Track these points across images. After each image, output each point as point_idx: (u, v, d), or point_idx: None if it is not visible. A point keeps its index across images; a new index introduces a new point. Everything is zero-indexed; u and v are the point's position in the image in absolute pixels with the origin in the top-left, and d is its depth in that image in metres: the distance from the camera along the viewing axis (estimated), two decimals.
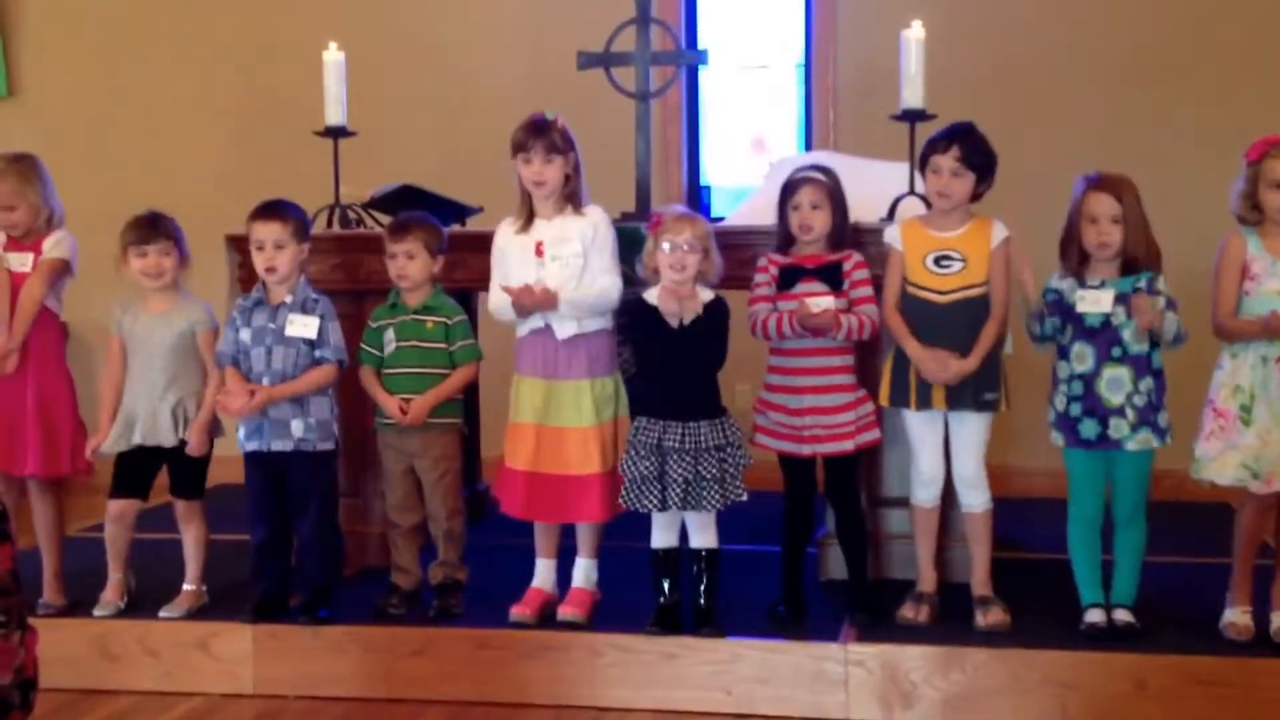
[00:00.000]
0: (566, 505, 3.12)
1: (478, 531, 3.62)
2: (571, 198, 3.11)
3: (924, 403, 3.08)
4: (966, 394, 3.06)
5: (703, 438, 2.98)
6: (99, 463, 3.42)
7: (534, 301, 3.05)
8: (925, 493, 3.18)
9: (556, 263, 3.08)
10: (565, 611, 3.13)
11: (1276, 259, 2.96)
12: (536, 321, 3.12)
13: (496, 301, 3.17)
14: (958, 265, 3.07)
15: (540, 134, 3.06)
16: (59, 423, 3.39)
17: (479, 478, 4.31)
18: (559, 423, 3.10)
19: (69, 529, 3.66)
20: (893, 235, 3.16)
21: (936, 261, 3.08)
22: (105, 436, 3.31)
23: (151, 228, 3.30)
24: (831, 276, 3.09)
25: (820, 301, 3.03)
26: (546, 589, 3.20)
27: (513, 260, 3.14)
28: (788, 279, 3.11)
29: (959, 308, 3.06)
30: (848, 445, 3.11)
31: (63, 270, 3.42)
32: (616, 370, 3.19)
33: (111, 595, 3.32)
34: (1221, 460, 2.97)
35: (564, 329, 3.10)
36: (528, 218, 3.14)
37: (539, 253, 3.10)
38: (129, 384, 3.32)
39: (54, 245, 3.40)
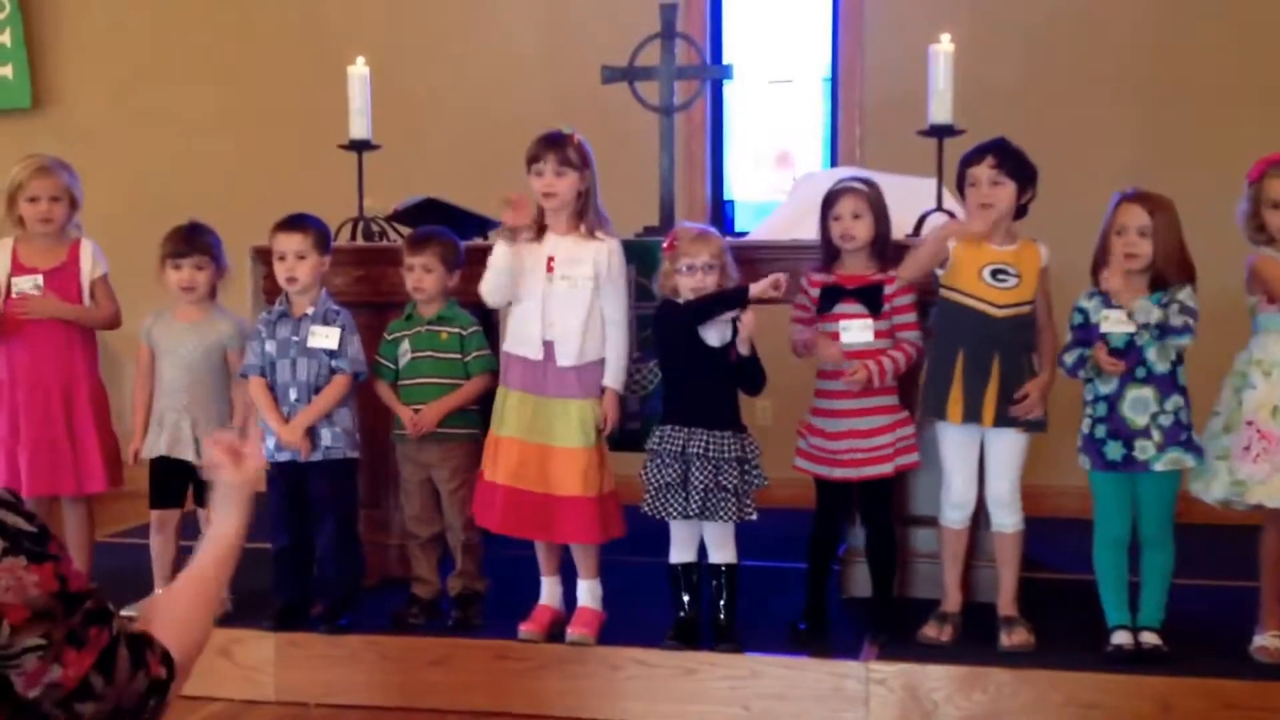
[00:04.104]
0: (552, 524, 3.08)
1: (496, 543, 3.61)
2: (584, 218, 3.07)
3: (972, 416, 3.03)
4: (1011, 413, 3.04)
5: (726, 448, 2.97)
6: (131, 470, 3.45)
7: (521, 211, 3.00)
8: (956, 514, 3.16)
9: (566, 282, 3.04)
10: (574, 632, 3.11)
11: None
12: (536, 339, 3.05)
13: (488, 281, 3.09)
14: (1013, 281, 3.05)
15: (553, 146, 3.04)
16: (97, 437, 3.42)
17: None
18: (547, 440, 3.05)
19: (97, 534, 3.68)
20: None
21: (993, 275, 3.05)
22: (140, 442, 3.34)
23: (187, 242, 3.33)
24: (871, 299, 3.07)
25: (853, 332, 3.01)
26: (554, 605, 3.19)
27: (525, 268, 3.10)
28: (828, 300, 3.10)
29: (1013, 323, 3.04)
30: (887, 468, 3.09)
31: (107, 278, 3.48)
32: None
33: None
34: (1270, 483, 2.92)
35: (566, 356, 3.05)
36: (539, 231, 3.11)
37: (549, 268, 3.06)
38: (157, 390, 3.36)
39: (94, 261, 3.45)
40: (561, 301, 3.05)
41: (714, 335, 3.00)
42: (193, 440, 3.29)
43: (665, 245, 3.04)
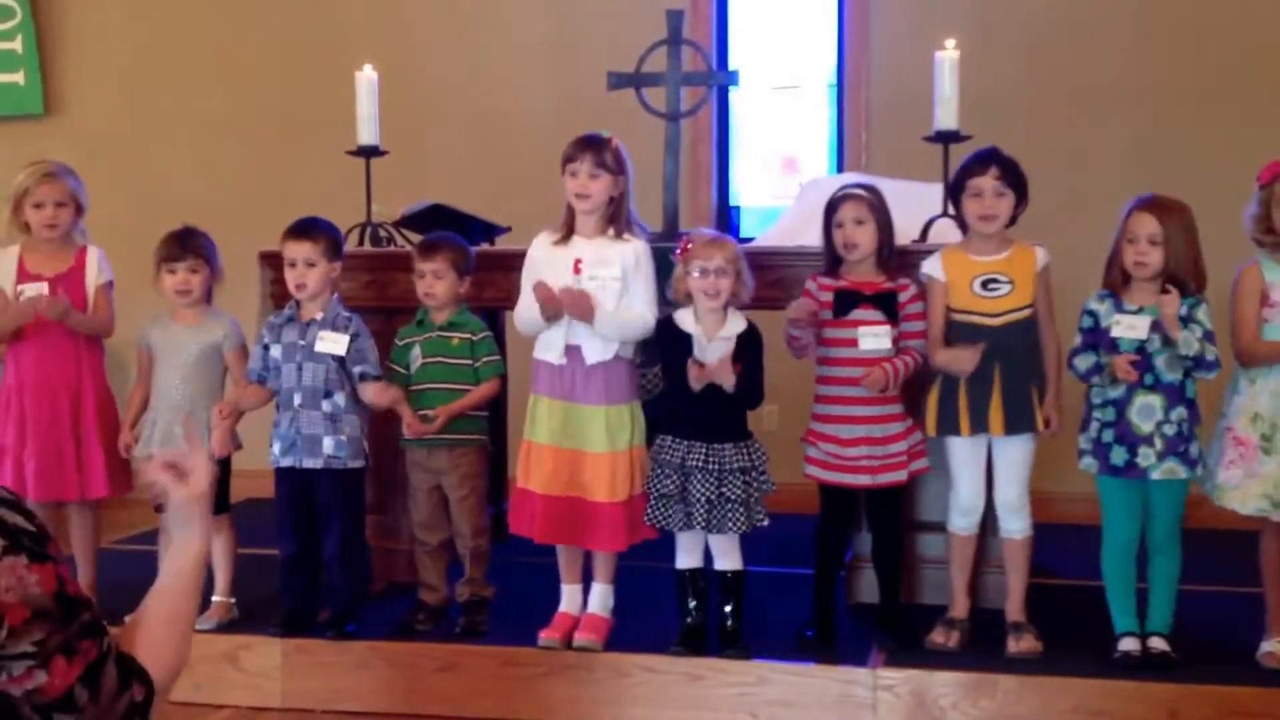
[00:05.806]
0: (582, 531, 3.08)
1: (503, 549, 3.62)
2: (614, 220, 3.07)
3: (979, 427, 3.04)
4: (1022, 420, 3.04)
5: (727, 459, 2.97)
6: (139, 477, 3.46)
7: (571, 303, 2.98)
8: (964, 521, 3.15)
9: (594, 283, 3.04)
10: (581, 637, 3.11)
11: None
12: (559, 344, 3.05)
13: (523, 311, 3.12)
14: (1006, 288, 3.05)
15: (590, 148, 3.04)
16: (103, 442, 3.43)
17: (505, 497, 4.32)
18: (578, 446, 3.06)
19: (103, 540, 3.69)
20: (933, 266, 3.12)
21: (984, 285, 3.05)
22: (128, 438, 3.36)
23: (180, 246, 3.34)
24: (888, 305, 3.07)
25: (872, 339, 3.02)
26: (574, 613, 3.18)
27: (547, 273, 3.08)
28: (844, 304, 3.09)
29: (1011, 330, 3.04)
30: (901, 475, 3.09)
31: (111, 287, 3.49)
32: (634, 399, 3.13)
33: None
34: (1243, 489, 2.94)
35: (593, 353, 3.05)
36: (567, 233, 3.11)
37: (576, 269, 3.05)
38: (156, 392, 3.37)
39: (99, 268, 3.46)
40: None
41: (713, 353, 2.97)
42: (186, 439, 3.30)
43: (679, 249, 3.04)
